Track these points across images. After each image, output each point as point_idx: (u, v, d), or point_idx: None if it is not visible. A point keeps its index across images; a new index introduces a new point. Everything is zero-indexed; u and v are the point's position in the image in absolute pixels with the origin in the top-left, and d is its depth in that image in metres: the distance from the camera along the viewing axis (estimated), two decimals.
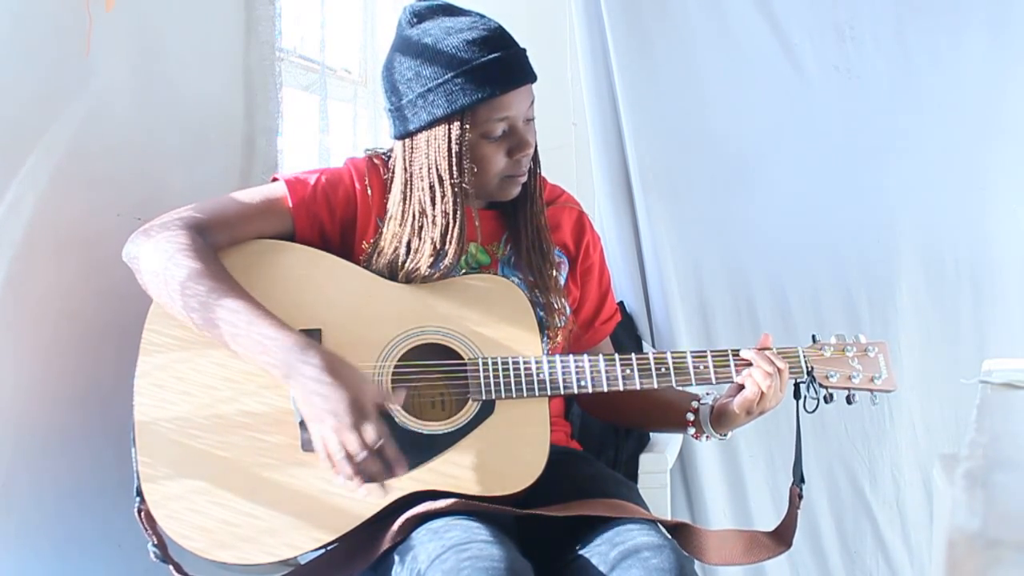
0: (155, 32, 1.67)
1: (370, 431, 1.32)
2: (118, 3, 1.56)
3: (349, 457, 1.32)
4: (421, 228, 1.54)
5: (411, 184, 1.55)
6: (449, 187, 1.52)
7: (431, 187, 1.53)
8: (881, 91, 2.47)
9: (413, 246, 1.54)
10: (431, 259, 1.53)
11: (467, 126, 1.50)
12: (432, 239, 1.53)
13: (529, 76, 1.55)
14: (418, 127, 1.52)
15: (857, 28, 2.47)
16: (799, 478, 1.60)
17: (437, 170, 1.52)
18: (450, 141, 1.51)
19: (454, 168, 1.51)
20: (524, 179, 1.60)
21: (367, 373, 1.42)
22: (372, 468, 1.32)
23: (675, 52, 2.49)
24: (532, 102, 1.56)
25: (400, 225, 1.55)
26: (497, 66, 1.50)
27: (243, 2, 1.84)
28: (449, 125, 1.50)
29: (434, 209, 1.53)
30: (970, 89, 2.44)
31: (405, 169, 1.55)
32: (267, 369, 1.38)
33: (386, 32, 2.33)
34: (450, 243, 1.53)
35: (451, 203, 1.53)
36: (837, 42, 2.48)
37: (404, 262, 1.54)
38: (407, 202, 1.55)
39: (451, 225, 1.53)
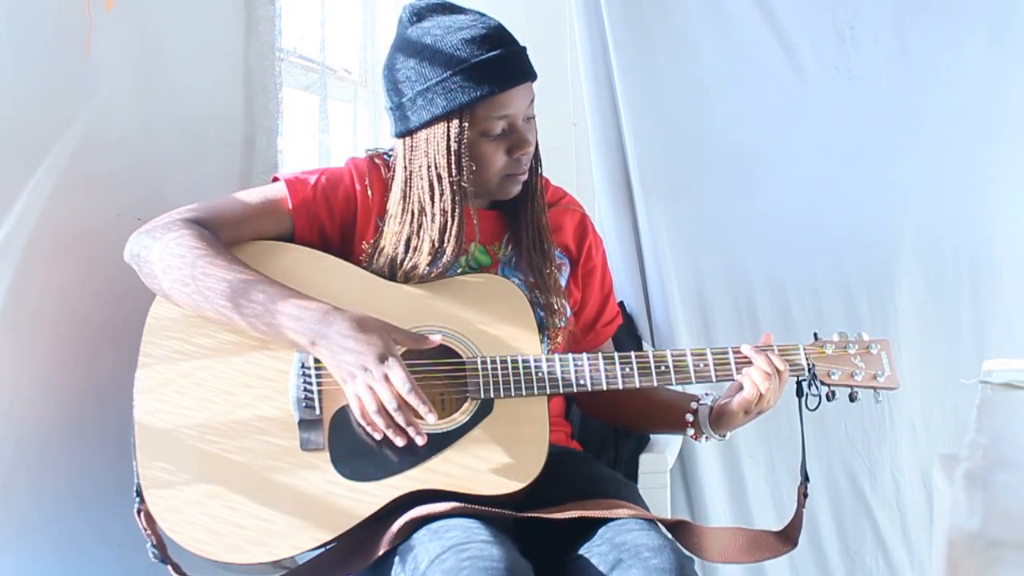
0: (155, 32, 1.67)
1: (398, 378, 1.35)
2: (118, 3, 1.56)
3: (382, 410, 1.36)
4: (420, 226, 1.54)
5: (411, 182, 1.55)
6: (448, 185, 1.52)
7: (430, 185, 1.53)
8: (881, 91, 2.47)
9: (412, 244, 1.54)
10: (430, 257, 1.53)
11: (466, 124, 1.50)
12: (431, 237, 1.53)
13: (529, 74, 1.55)
14: (418, 125, 1.52)
15: (857, 28, 2.47)
16: (805, 476, 1.60)
17: (436, 168, 1.52)
18: (449, 139, 1.51)
19: (453, 166, 1.51)
20: (525, 178, 1.60)
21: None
22: (404, 417, 1.36)
23: (675, 52, 2.49)
24: (532, 100, 1.56)
25: (400, 223, 1.55)
26: (496, 64, 1.50)
27: (243, 2, 1.85)
28: (448, 123, 1.50)
29: (433, 207, 1.53)
30: (970, 89, 2.44)
31: (405, 168, 1.55)
32: (296, 340, 1.40)
33: (386, 32, 2.33)
34: (448, 241, 1.53)
35: (450, 201, 1.53)
36: (837, 43, 2.47)
37: (403, 260, 1.54)
38: (407, 200, 1.55)
39: (449, 223, 1.53)
